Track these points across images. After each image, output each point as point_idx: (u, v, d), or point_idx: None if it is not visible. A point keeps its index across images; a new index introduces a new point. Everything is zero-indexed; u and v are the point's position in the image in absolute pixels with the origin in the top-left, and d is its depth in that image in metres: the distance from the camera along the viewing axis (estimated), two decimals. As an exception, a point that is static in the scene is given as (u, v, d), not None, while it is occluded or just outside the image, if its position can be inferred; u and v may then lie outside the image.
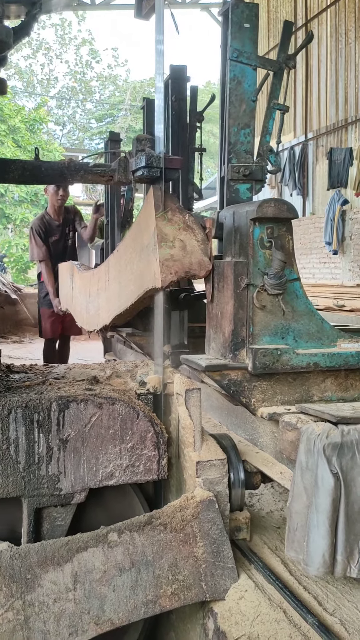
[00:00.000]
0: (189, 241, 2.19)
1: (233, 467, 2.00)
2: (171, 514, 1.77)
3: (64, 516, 1.87)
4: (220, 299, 2.24)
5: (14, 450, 1.76)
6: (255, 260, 2.10)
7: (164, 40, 2.16)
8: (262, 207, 2.06)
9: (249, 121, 2.40)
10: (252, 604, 1.67)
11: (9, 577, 1.60)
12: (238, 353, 2.12)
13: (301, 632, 1.54)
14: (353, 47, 11.46)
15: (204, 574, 1.75)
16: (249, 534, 2.00)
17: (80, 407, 1.82)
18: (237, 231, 2.21)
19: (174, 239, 2.16)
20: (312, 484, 1.64)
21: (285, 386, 2.14)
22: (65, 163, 2.34)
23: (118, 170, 2.33)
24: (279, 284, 2.09)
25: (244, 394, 2.10)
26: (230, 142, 2.39)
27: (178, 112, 3.68)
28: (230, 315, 2.12)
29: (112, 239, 4.35)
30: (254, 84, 2.41)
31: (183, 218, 2.20)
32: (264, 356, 2.04)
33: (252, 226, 2.09)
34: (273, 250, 2.08)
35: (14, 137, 17.08)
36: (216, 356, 2.26)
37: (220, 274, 2.22)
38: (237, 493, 1.99)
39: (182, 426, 1.97)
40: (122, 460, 1.88)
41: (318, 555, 1.60)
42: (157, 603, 1.70)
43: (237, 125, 2.39)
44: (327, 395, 2.19)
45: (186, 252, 2.17)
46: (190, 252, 2.18)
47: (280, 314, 2.13)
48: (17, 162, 2.34)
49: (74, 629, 1.62)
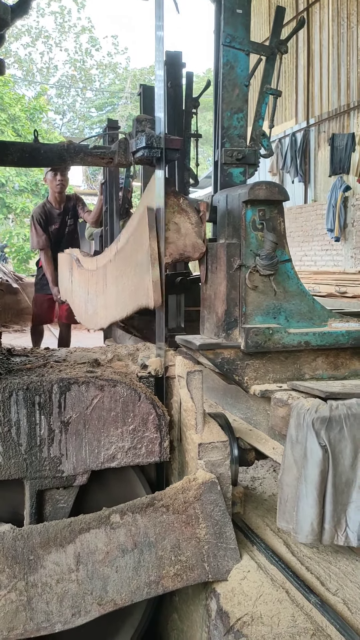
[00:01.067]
0: (183, 224, 2.23)
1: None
2: (173, 496, 1.77)
3: (66, 498, 1.87)
4: (213, 280, 2.28)
5: (16, 433, 1.76)
6: (248, 242, 2.14)
7: (164, 26, 2.13)
8: (253, 190, 2.09)
9: (242, 106, 2.42)
10: (254, 584, 1.67)
11: (11, 558, 1.60)
12: (231, 332, 2.17)
13: (304, 612, 1.54)
14: (355, 31, 11.33)
15: (206, 555, 1.75)
16: (242, 507, 2.03)
17: (82, 390, 1.82)
18: (230, 214, 2.24)
19: (169, 222, 2.19)
20: (302, 456, 1.70)
21: (277, 365, 2.19)
22: (64, 145, 2.32)
23: (118, 152, 2.30)
24: (270, 264, 2.13)
25: (237, 372, 2.16)
26: (223, 126, 2.41)
27: (174, 98, 3.68)
28: (224, 295, 2.18)
29: (110, 227, 4.33)
30: (246, 69, 2.42)
31: (177, 201, 2.22)
32: (256, 335, 2.09)
33: (245, 208, 2.13)
34: (265, 232, 2.13)
35: (14, 126, 17.00)
36: (210, 336, 2.31)
37: (214, 255, 2.26)
38: (232, 469, 2.01)
39: (184, 408, 1.96)
40: (124, 443, 1.87)
41: (307, 524, 1.68)
42: (159, 584, 1.70)
43: (230, 110, 2.40)
44: (318, 373, 2.25)
45: (180, 235, 2.22)
46: (185, 234, 2.23)
47: (272, 294, 2.17)
48: (16, 145, 2.31)
49: (77, 609, 1.62)
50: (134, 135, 2.18)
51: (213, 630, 1.69)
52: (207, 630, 1.75)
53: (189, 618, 1.96)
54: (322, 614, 1.53)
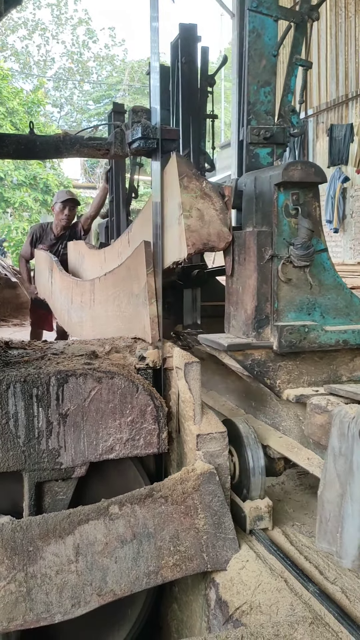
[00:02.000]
0: (207, 210, 2.04)
1: (252, 453, 1.93)
2: (172, 487, 1.77)
3: (65, 490, 1.87)
4: (241, 272, 2.07)
5: (14, 425, 1.76)
6: (280, 230, 1.95)
7: (159, 17, 2.09)
8: (288, 171, 1.89)
9: (270, 78, 2.21)
10: (253, 573, 1.68)
11: (10, 549, 1.61)
12: (262, 331, 1.98)
13: (302, 600, 1.55)
14: (353, 21, 11.26)
15: (205, 545, 1.75)
16: (271, 522, 1.92)
17: (79, 382, 1.81)
18: (259, 198, 2.05)
19: (191, 208, 2.01)
20: (347, 470, 1.51)
21: (311, 366, 2.02)
22: (60, 137, 2.31)
23: (114, 143, 2.29)
24: (306, 255, 1.94)
25: (268, 375, 1.98)
26: (249, 101, 2.20)
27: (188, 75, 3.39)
28: (253, 290, 1.98)
29: (117, 217, 4.19)
30: (274, 37, 2.20)
31: (200, 185, 2.05)
32: (291, 334, 1.92)
33: (277, 192, 1.93)
34: (299, 218, 1.93)
35: (12, 120, 16.91)
36: (237, 335, 2.11)
37: (242, 245, 2.06)
38: (257, 480, 1.92)
39: (182, 400, 1.96)
40: (122, 434, 1.87)
41: (353, 547, 1.49)
42: (159, 574, 1.71)
43: (256, 83, 2.18)
44: (356, 375, 2.07)
45: (204, 223, 2.03)
46: (209, 222, 2.04)
47: (307, 287, 1.99)
48: (12, 137, 2.31)
49: (77, 600, 1.63)
50: (130, 126, 2.17)
51: (212, 620, 1.70)
52: (206, 620, 1.76)
53: (189, 608, 1.97)
54: (320, 603, 1.53)
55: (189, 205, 2.01)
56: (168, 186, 2.13)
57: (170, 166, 2.10)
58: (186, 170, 2.04)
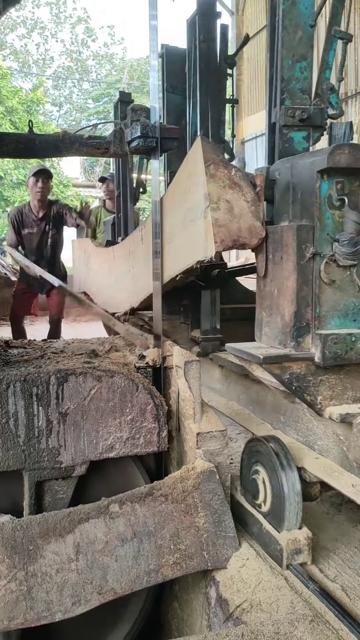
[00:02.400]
0: (237, 202, 1.80)
1: (287, 476, 1.71)
2: (172, 485, 1.78)
3: (66, 489, 1.88)
4: (277, 273, 1.84)
5: (14, 424, 1.76)
6: (323, 224, 1.71)
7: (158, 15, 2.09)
8: (334, 155, 1.65)
9: (306, 52, 2.00)
10: (253, 571, 1.68)
11: (11, 548, 1.61)
12: (302, 340, 1.76)
13: (303, 598, 1.55)
14: (352, 18, 11.25)
15: (205, 543, 1.76)
16: (310, 556, 1.69)
17: (79, 380, 1.82)
18: (296, 188, 1.81)
19: (219, 200, 1.78)
20: None
21: (357, 380, 1.79)
22: (59, 136, 2.31)
23: (113, 142, 2.29)
24: (353, 253, 1.69)
25: (308, 391, 1.77)
26: (282, 78, 1.98)
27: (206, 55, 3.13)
28: (292, 293, 1.75)
29: (124, 214, 4.04)
30: (311, 5, 2.01)
31: (229, 173, 1.80)
32: (335, 344, 1.69)
33: (319, 180, 1.70)
34: (345, 210, 1.70)
35: (11, 119, 16.90)
36: (272, 344, 1.87)
37: (277, 242, 1.81)
38: (293, 508, 1.69)
39: (182, 398, 1.96)
40: (122, 433, 1.87)
41: None
42: (159, 572, 1.71)
43: (291, 57, 1.96)
44: None
45: (233, 216, 1.79)
46: (239, 215, 1.79)
47: (353, 290, 1.76)
48: (11, 136, 2.31)
49: (77, 598, 1.63)
50: (129, 125, 2.17)
51: (213, 618, 1.70)
52: (207, 618, 1.76)
53: (189, 606, 1.97)
54: (320, 601, 1.53)
55: (217, 196, 1.78)
56: (191, 175, 1.91)
57: (194, 152, 1.89)
58: (213, 156, 1.81)
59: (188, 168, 1.95)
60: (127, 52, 43.81)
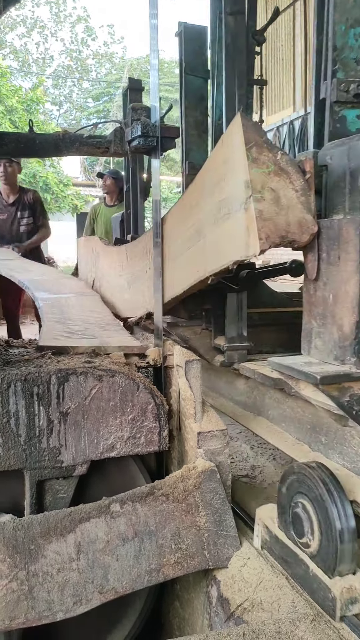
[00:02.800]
0: (284, 191, 1.56)
1: (339, 511, 1.47)
2: (173, 485, 1.78)
3: (66, 488, 1.88)
4: (332, 275, 1.61)
5: (15, 424, 1.76)
6: None
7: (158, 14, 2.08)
8: None
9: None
10: (254, 571, 1.68)
11: (12, 548, 1.61)
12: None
13: (304, 598, 1.55)
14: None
15: (206, 542, 1.76)
16: None
17: (80, 380, 1.82)
18: (354, 175, 1.60)
19: (263, 188, 1.54)
20: None
21: None
22: (59, 135, 2.31)
23: (114, 141, 2.29)
24: None
25: None
26: (334, 46, 1.78)
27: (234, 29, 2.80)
28: (353, 299, 1.54)
29: (133, 210, 3.85)
30: None
31: (274, 157, 1.57)
32: None
33: None
34: None
35: (11, 118, 16.90)
36: (325, 359, 1.68)
37: (333, 238, 1.58)
38: (347, 548, 1.45)
39: (182, 398, 1.96)
40: (123, 432, 1.87)
41: None
42: (160, 571, 1.71)
43: (344, 23, 1.76)
44: None
45: (280, 208, 1.55)
46: (287, 207, 1.56)
47: None
48: (12, 135, 2.31)
49: (78, 598, 1.63)
50: (130, 124, 2.17)
51: (214, 617, 1.71)
52: (208, 617, 1.76)
53: (190, 605, 1.97)
54: (322, 600, 1.53)
55: (260, 184, 1.54)
56: (227, 160, 1.68)
57: (232, 132, 1.64)
58: (255, 137, 1.56)
59: (223, 152, 1.70)
60: (127, 51, 43.82)
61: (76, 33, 33.71)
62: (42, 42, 34.87)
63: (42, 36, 33.26)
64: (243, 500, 2.14)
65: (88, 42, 33.80)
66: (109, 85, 31.98)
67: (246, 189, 1.57)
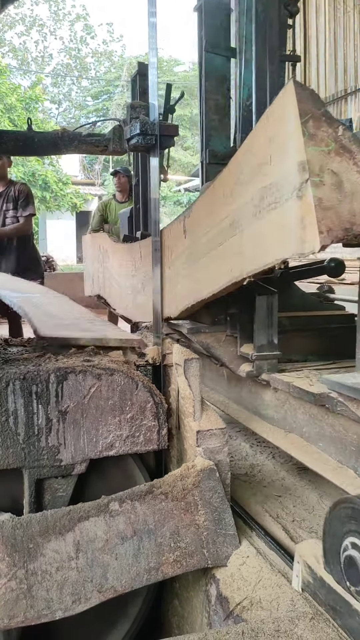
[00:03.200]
0: (347, 174, 1.31)
1: None
2: (172, 483, 1.78)
3: (65, 487, 1.87)
4: None
5: (13, 422, 1.76)
6: None
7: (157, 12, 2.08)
8: None
9: None
10: (253, 569, 1.68)
11: (11, 546, 1.61)
12: None
13: (303, 596, 1.55)
14: (352, 16, 11.22)
15: (205, 541, 1.76)
16: None
17: (79, 379, 1.81)
18: None
19: (322, 171, 1.30)
20: None
21: None
22: (58, 133, 2.30)
23: (113, 140, 2.28)
24: None
25: None
26: None
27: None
28: None
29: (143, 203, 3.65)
30: None
31: (334, 133, 1.33)
32: None
33: None
34: None
35: (9, 116, 16.89)
36: None
37: None
38: None
39: (181, 396, 1.96)
40: (122, 431, 1.87)
41: None
42: (159, 570, 1.71)
43: None
44: None
45: (343, 194, 1.30)
46: (351, 193, 1.31)
47: None
48: (10, 133, 2.30)
49: (77, 596, 1.63)
50: (128, 122, 2.16)
51: (213, 615, 1.71)
52: (207, 616, 1.76)
53: (190, 604, 1.97)
54: (321, 598, 1.53)
55: (319, 165, 1.29)
56: (274, 137, 1.43)
57: (283, 104, 1.37)
58: (312, 108, 1.33)
59: (268, 129, 1.44)
60: (126, 49, 43.75)
61: (75, 31, 33.66)
62: (41, 41, 34.78)
63: (41, 34, 33.22)
64: (242, 499, 2.14)
65: (87, 41, 33.77)
66: (108, 84, 31.94)
67: (301, 172, 1.31)
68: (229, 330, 2.30)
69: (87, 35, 33.43)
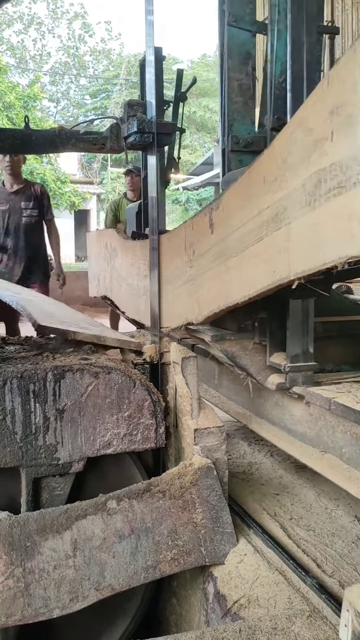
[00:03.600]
0: None
1: None
2: (170, 481, 1.78)
3: (63, 486, 1.87)
4: None
5: (11, 421, 1.76)
6: None
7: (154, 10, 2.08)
8: None
9: None
10: (251, 567, 1.68)
11: (8, 545, 1.61)
12: None
13: (300, 594, 1.55)
14: (350, 15, 11.19)
15: (203, 539, 1.76)
16: None
17: (76, 377, 1.81)
18: None
19: None
20: None
21: None
22: (56, 131, 2.29)
23: (110, 138, 2.28)
24: None
25: None
26: None
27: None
28: None
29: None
30: None
31: None
32: None
33: None
34: None
35: (7, 115, 16.86)
36: None
37: None
38: None
39: (179, 395, 1.96)
40: (120, 429, 1.87)
41: None
42: (157, 568, 1.71)
43: None
44: None
45: None
46: None
47: None
48: (7, 131, 2.30)
49: (75, 595, 1.63)
50: (126, 120, 2.16)
51: (211, 613, 1.71)
52: (205, 614, 1.77)
53: (187, 602, 1.97)
54: (318, 596, 1.54)
55: None
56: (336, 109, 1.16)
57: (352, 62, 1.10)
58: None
59: (329, 97, 1.18)
60: (124, 47, 43.73)
61: (73, 30, 33.59)
62: (39, 39, 34.73)
63: (39, 33, 33.17)
64: (240, 497, 2.14)
65: (85, 39, 33.72)
66: (106, 82, 31.90)
67: None
68: (257, 338, 2.09)
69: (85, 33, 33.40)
